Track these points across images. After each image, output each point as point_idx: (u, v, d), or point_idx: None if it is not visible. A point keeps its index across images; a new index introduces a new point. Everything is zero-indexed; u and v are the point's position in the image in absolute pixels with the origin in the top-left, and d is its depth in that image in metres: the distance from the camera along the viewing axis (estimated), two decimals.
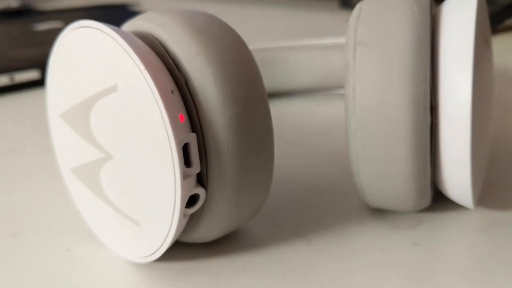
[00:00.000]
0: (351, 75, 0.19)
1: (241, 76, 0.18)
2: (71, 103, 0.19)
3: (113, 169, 0.19)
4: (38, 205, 0.24)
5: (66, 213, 0.23)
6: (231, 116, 0.17)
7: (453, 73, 0.18)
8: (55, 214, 0.23)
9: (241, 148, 0.17)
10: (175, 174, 0.17)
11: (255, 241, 0.21)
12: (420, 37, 0.18)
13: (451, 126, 0.18)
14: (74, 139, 0.20)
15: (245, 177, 0.18)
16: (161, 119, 0.16)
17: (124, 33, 0.17)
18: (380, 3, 0.19)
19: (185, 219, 0.18)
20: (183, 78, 0.17)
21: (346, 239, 0.21)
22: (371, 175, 0.19)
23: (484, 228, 0.21)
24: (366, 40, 0.19)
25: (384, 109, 0.18)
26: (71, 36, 0.19)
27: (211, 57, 0.17)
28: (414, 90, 0.18)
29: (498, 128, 0.30)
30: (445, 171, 0.19)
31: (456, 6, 0.19)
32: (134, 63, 0.16)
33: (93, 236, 0.21)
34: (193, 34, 0.18)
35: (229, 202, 0.18)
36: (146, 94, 0.16)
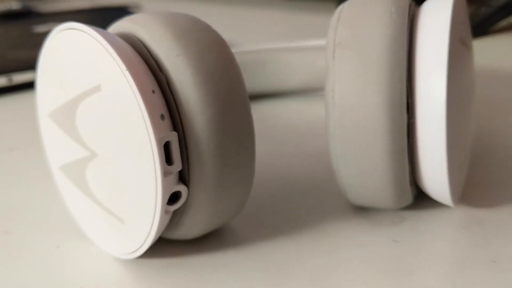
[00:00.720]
0: (330, 76, 0.19)
1: (221, 77, 0.18)
2: (58, 103, 0.20)
3: (98, 167, 0.19)
4: (31, 203, 0.25)
5: (57, 210, 0.23)
6: (211, 115, 0.17)
7: (428, 74, 0.18)
8: (46, 212, 0.24)
9: (221, 147, 0.18)
10: (156, 171, 0.17)
11: (239, 238, 0.21)
12: (396, 38, 0.18)
13: (427, 125, 0.18)
14: (62, 138, 0.20)
15: (226, 175, 0.18)
16: (142, 118, 0.17)
17: (107, 34, 0.18)
18: (360, 4, 0.20)
19: (168, 216, 0.19)
20: (164, 78, 0.18)
21: (328, 236, 0.21)
22: (350, 174, 0.20)
23: (464, 225, 0.21)
24: (345, 41, 0.19)
25: (362, 109, 0.18)
26: (57, 38, 0.19)
27: (191, 58, 0.18)
28: (390, 90, 0.18)
29: (485, 127, 0.30)
30: (423, 170, 0.19)
31: (433, 7, 0.19)
32: (116, 64, 0.17)
33: (82, 233, 0.22)
34: (174, 35, 0.18)
35: (211, 199, 0.19)
36: (128, 93, 0.17)
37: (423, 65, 0.18)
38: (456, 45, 0.19)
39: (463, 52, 0.20)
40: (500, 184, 0.24)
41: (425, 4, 0.20)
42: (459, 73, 0.19)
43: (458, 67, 0.19)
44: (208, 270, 0.19)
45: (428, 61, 0.18)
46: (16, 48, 0.49)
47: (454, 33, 0.18)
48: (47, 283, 0.19)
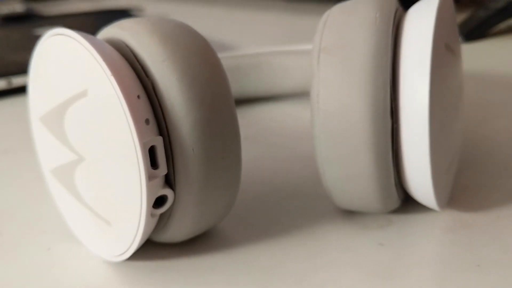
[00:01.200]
0: (315, 81, 0.19)
1: (206, 81, 0.18)
2: (48, 107, 0.20)
3: (86, 171, 0.19)
4: (24, 205, 0.25)
5: (50, 213, 0.24)
6: (195, 119, 0.18)
7: (411, 79, 0.18)
8: (39, 214, 0.24)
9: (206, 151, 0.18)
10: (141, 175, 0.17)
11: (226, 241, 0.21)
12: (380, 44, 0.18)
13: (410, 129, 0.18)
14: (52, 142, 0.21)
15: (211, 178, 0.18)
16: (127, 123, 0.17)
17: (95, 40, 0.18)
18: (346, 10, 0.20)
19: (154, 219, 0.19)
20: (150, 83, 0.18)
21: (314, 239, 0.21)
22: (335, 178, 0.20)
23: (451, 229, 0.21)
24: (329, 47, 0.19)
25: (346, 113, 0.19)
26: (47, 44, 0.20)
27: (177, 63, 0.18)
28: (374, 95, 0.18)
29: (478, 130, 0.30)
30: (408, 174, 0.19)
31: (418, 13, 0.19)
32: (102, 69, 0.17)
33: (73, 236, 0.22)
34: (160, 41, 0.18)
35: (197, 203, 0.19)
36: (113, 98, 0.17)
37: (406, 70, 0.18)
38: (441, 51, 0.19)
39: (448, 58, 0.20)
40: (489, 187, 0.24)
41: (411, 10, 0.20)
42: (443, 79, 0.19)
43: (442, 72, 0.19)
44: (194, 273, 0.20)
45: (412, 67, 0.18)
46: (16, 51, 0.49)
47: (438, 39, 0.18)
48: (36, 285, 0.20)
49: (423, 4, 0.20)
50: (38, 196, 0.26)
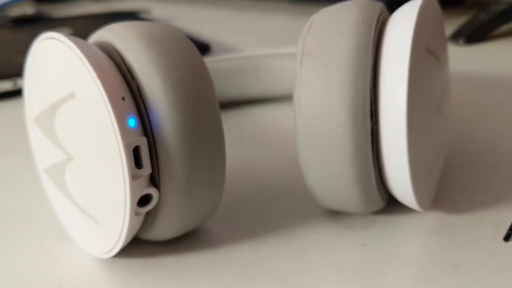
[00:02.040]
0: (298, 83, 0.20)
1: (190, 84, 0.19)
2: (41, 109, 0.21)
3: (75, 170, 0.20)
4: (22, 204, 0.26)
5: (46, 211, 0.24)
6: (179, 121, 0.18)
7: (390, 82, 0.18)
8: (36, 212, 0.25)
9: (189, 151, 0.19)
10: (125, 175, 0.18)
11: (213, 239, 0.22)
12: (361, 47, 0.19)
13: (389, 132, 0.19)
14: (45, 142, 0.21)
15: (194, 178, 0.19)
16: (111, 124, 0.18)
17: (83, 44, 0.19)
18: (329, 14, 0.20)
19: (140, 217, 0.20)
20: (136, 85, 0.19)
21: (298, 239, 0.22)
22: (318, 179, 0.20)
23: (433, 230, 0.22)
24: (312, 50, 0.20)
25: (326, 116, 0.19)
26: (39, 47, 0.20)
27: (161, 66, 0.18)
28: (353, 98, 0.19)
29: (470, 132, 0.30)
30: (389, 175, 0.20)
31: (400, 16, 0.20)
32: (88, 72, 0.18)
33: (66, 233, 0.23)
34: (146, 44, 0.19)
35: (181, 202, 0.19)
36: (98, 100, 0.18)
37: (386, 73, 0.19)
38: (421, 54, 0.19)
39: (430, 62, 0.20)
40: (475, 189, 0.24)
41: (395, 13, 0.21)
42: (423, 82, 0.19)
43: (422, 76, 0.19)
44: (179, 271, 0.20)
45: (391, 70, 0.19)
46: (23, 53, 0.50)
47: (418, 43, 0.19)
48: (27, 280, 0.20)
49: (405, 8, 0.20)
50: (36, 195, 0.26)
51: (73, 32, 0.58)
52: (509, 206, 0.23)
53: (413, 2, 0.20)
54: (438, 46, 0.21)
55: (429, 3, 0.20)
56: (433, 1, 0.21)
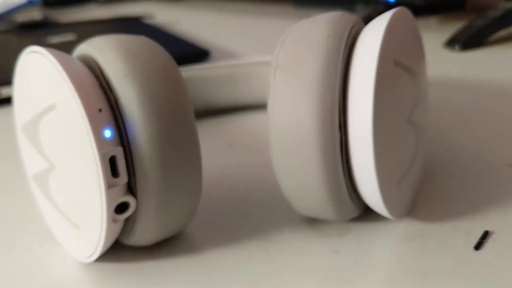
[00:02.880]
0: (271, 95, 0.20)
1: (165, 96, 0.19)
2: (27, 118, 0.22)
3: (57, 178, 0.21)
4: (15, 208, 0.27)
5: (34, 215, 0.25)
6: (153, 131, 0.19)
7: (357, 94, 0.19)
8: (28, 216, 0.26)
9: (164, 161, 0.19)
10: (101, 184, 0.19)
11: (193, 245, 0.23)
12: (330, 61, 0.19)
13: (356, 143, 0.19)
14: (31, 150, 0.22)
15: (169, 187, 0.20)
16: (87, 135, 0.18)
17: (63, 57, 0.20)
18: (303, 28, 0.21)
19: (118, 224, 0.20)
20: (113, 97, 0.19)
21: (275, 245, 0.22)
22: (291, 188, 0.21)
23: (406, 238, 0.22)
24: (284, 63, 0.20)
25: (297, 127, 0.20)
26: (25, 60, 0.21)
27: (137, 79, 0.19)
28: (322, 110, 0.19)
29: (457, 139, 0.31)
30: (359, 185, 0.20)
31: (370, 30, 0.20)
32: (67, 85, 0.19)
33: (53, 237, 0.23)
34: (123, 57, 0.20)
35: (158, 209, 0.20)
36: (76, 112, 0.18)
37: (354, 86, 0.19)
38: (388, 67, 0.20)
39: (400, 75, 0.21)
40: (452, 197, 0.25)
41: (367, 26, 0.21)
42: (392, 94, 0.20)
43: (390, 88, 0.20)
44: (157, 275, 0.21)
45: (358, 82, 0.19)
46: None
47: (385, 56, 0.19)
48: (11, 282, 0.21)
49: (376, 21, 0.21)
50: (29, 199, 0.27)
51: (77, 38, 0.59)
52: (484, 215, 0.23)
53: (384, 15, 0.21)
54: (410, 58, 0.22)
55: (400, 16, 0.21)
56: (405, 14, 0.22)
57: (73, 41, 0.59)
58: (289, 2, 0.81)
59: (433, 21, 0.62)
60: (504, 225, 0.22)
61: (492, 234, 0.22)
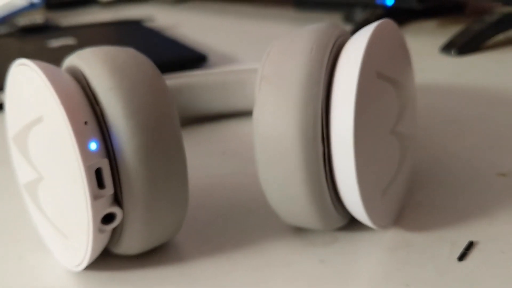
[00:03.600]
0: (256, 107, 0.21)
1: (150, 109, 0.20)
2: (17, 129, 0.22)
3: (46, 188, 0.21)
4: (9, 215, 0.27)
5: (26, 222, 0.26)
6: (139, 144, 0.19)
7: (339, 106, 0.19)
8: (16, 224, 0.26)
9: (149, 172, 0.20)
10: (86, 195, 0.19)
11: (181, 254, 0.23)
12: (312, 74, 0.20)
13: (339, 154, 0.19)
14: (22, 160, 0.23)
15: (155, 198, 0.20)
16: (73, 148, 0.19)
17: (50, 70, 0.20)
18: (288, 41, 0.21)
19: (105, 234, 0.21)
20: (99, 109, 0.20)
21: (262, 254, 0.22)
22: (276, 198, 0.21)
23: (391, 248, 0.22)
24: (269, 75, 0.20)
25: (280, 139, 0.20)
26: (15, 72, 0.22)
27: (123, 92, 0.19)
28: (304, 123, 0.19)
29: (449, 148, 0.31)
30: (342, 196, 0.21)
31: (353, 42, 0.20)
32: (53, 98, 0.19)
33: (44, 245, 0.24)
34: (109, 70, 0.20)
35: (144, 220, 0.20)
36: (62, 125, 0.19)
37: (336, 98, 0.19)
38: (371, 80, 0.20)
39: (382, 87, 0.21)
40: (439, 207, 0.25)
41: (352, 38, 0.21)
42: (374, 106, 0.20)
43: (373, 100, 0.20)
44: (145, 284, 0.21)
45: (340, 95, 0.19)
46: None
47: (367, 69, 0.19)
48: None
49: (360, 33, 0.21)
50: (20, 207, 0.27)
51: (77, 41, 0.60)
52: (470, 225, 0.23)
53: (369, 27, 0.21)
54: (394, 69, 0.22)
55: (384, 28, 0.21)
56: (389, 25, 0.22)
57: (73, 45, 0.59)
58: (290, 5, 0.81)
59: (432, 25, 0.62)
60: (489, 235, 0.23)
61: (477, 245, 0.22)
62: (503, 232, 0.23)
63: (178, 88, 0.36)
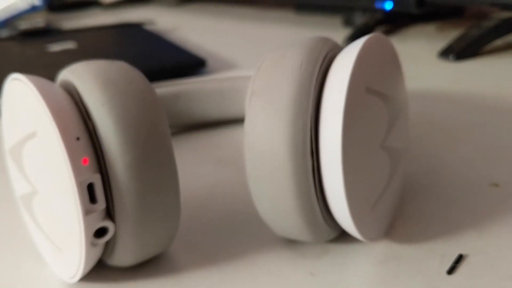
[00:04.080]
0: (246, 122, 0.21)
1: (142, 124, 0.20)
2: (12, 142, 0.22)
3: (40, 202, 0.22)
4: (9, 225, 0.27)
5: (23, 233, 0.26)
6: (130, 159, 0.20)
7: (327, 121, 0.19)
8: (13, 234, 0.26)
9: (140, 187, 0.20)
10: (78, 210, 0.19)
11: (173, 265, 0.23)
12: (301, 89, 0.20)
13: (327, 169, 0.20)
14: (17, 173, 0.23)
15: (146, 212, 0.20)
16: (65, 163, 0.19)
17: (44, 85, 0.20)
18: (278, 55, 0.21)
19: (98, 248, 0.21)
20: (91, 125, 0.20)
21: (252, 266, 0.23)
22: (266, 212, 0.21)
23: (381, 261, 0.22)
24: (258, 90, 0.21)
25: (270, 154, 0.20)
26: (9, 87, 0.22)
27: (114, 108, 0.20)
28: (294, 138, 0.20)
29: (444, 157, 0.31)
30: (332, 209, 0.21)
31: (343, 57, 0.21)
32: (45, 114, 0.19)
33: (41, 256, 0.24)
34: (101, 86, 0.20)
35: (135, 234, 0.21)
36: (54, 141, 0.19)
37: (325, 113, 0.20)
38: (360, 95, 0.20)
39: (371, 101, 0.21)
40: (430, 219, 0.25)
41: (342, 52, 0.21)
42: (363, 121, 0.20)
43: (361, 115, 0.20)
44: None
45: (328, 110, 0.19)
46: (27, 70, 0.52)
47: (356, 85, 0.20)
48: None
49: (350, 47, 0.21)
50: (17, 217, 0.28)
51: (78, 46, 0.60)
52: (460, 237, 0.23)
53: (358, 42, 0.21)
54: (384, 83, 0.22)
55: (374, 42, 0.21)
56: (380, 39, 0.22)
57: (73, 49, 0.59)
58: (290, 8, 0.81)
59: (431, 29, 0.62)
60: (479, 248, 0.23)
61: (467, 258, 0.22)
62: (492, 245, 0.23)
63: (174, 95, 0.36)
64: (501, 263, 0.22)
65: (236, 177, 0.31)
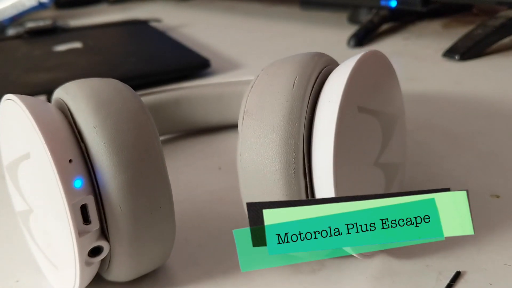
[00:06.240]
0: (239, 141, 0.21)
1: (134, 145, 0.20)
2: (9, 160, 0.23)
3: (35, 220, 0.22)
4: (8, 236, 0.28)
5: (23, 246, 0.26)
6: (122, 181, 0.20)
7: (319, 142, 0.19)
8: (13, 247, 0.27)
9: (133, 208, 0.20)
10: (71, 232, 0.19)
11: (171, 279, 0.23)
12: (294, 109, 0.20)
13: (320, 189, 0.20)
14: (14, 190, 0.23)
15: (139, 232, 0.20)
16: (57, 186, 0.19)
17: (36, 106, 0.20)
18: (271, 73, 0.21)
19: (93, 266, 0.21)
20: (84, 147, 0.20)
21: (248, 280, 0.23)
22: None
23: (377, 276, 0.22)
24: (251, 110, 0.21)
25: (262, 174, 0.20)
26: (3, 106, 0.22)
27: (106, 130, 0.20)
28: (286, 158, 0.19)
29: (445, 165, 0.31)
30: None
31: (335, 77, 0.20)
32: (37, 136, 0.19)
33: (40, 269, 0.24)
34: (94, 107, 0.20)
35: (130, 253, 0.21)
36: (46, 163, 0.19)
37: (317, 134, 0.20)
38: (352, 115, 0.20)
39: (364, 120, 0.21)
40: None
41: (335, 70, 0.21)
42: (355, 141, 0.20)
43: (353, 135, 0.20)
44: None
45: (320, 131, 0.19)
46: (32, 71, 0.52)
47: (348, 104, 0.19)
48: None
49: (343, 65, 0.21)
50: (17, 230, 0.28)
51: (83, 45, 0.60)
52: (458, 253, 0.23)
53: (352, 59, 0.21)
54: (378, 101, 0.22)
55: (368, 59, 0.21)
56: (374, 56, 0.22)
57: (79, 48, 0.60)
58: (296, 4, 0.81)
59: (437, 26, 0.62)
60: (478, 265, 0.22)
61: (464, 275, 0.22)
62: (492, 262, 0.23)
63: (175, 101, 0.36)
64: (500, 281, 0.21)
65: (236, 184, 0.30)
